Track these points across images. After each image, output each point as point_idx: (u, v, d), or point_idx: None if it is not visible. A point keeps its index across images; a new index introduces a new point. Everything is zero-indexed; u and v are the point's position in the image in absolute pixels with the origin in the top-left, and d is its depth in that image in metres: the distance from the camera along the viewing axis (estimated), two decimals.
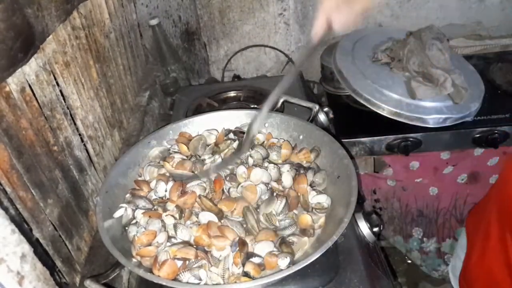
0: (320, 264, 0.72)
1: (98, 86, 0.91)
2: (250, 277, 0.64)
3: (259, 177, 0.78)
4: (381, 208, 1.44)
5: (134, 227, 0.72)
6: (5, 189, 0.55)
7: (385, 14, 1.63)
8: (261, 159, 0.83)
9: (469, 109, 1.18)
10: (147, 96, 1.22)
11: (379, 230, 0.83)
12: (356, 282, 0.71)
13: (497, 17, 1.61)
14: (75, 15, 0.81)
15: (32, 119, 0.63)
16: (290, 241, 0.69)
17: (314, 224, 0.72)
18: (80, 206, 0.77)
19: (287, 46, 1.73)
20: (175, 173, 0.78)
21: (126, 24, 1.17)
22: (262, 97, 1.23)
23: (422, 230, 1.47)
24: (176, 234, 0.69)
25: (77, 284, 0.71)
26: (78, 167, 0.78)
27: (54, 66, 0.72)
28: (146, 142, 0.87)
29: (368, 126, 1.25)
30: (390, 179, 1.36)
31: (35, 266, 0.58)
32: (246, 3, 1.61)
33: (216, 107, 1.22)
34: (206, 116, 0.94)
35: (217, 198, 0.76)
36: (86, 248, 0.78)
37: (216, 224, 0.70)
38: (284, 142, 0.86)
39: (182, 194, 0.74)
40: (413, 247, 1.52)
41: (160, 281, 0.61)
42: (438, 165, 1.31)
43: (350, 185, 0.71)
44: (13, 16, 0.56)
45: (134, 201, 0.75)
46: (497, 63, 1.45)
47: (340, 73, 1.26)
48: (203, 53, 1.70)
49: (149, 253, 0.66)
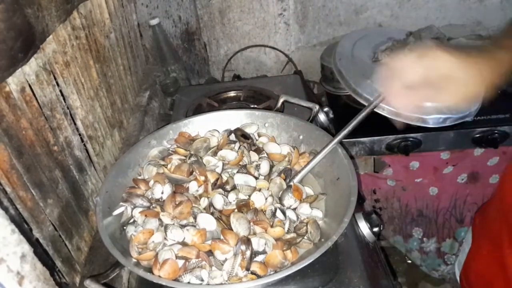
0: (320, 264, 0.72)
1: (98, 86, 0.91)
2: (257, 275, 0.64)
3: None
4: (381, 208, 1.44)
5: (132, 226, 0.72)
6: (5, 189, 0.55)
7: (385, 14, 1.63)
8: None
9: (469, 109, 1.18)
10: (147, 96, 1.22)
11: (379, 230, 0.83)
12: (356, 282, 0.71)
13: (497, 17, 1.61)
14: (75, 15, 0.81)
15: (32, 119, 0.63)
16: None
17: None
18: (80, 206, 0.77)
19: (287, 46, 1.73)
20: (172, 178, 0.78)
21: (126, 24, 1.17)
22: (262, 97, 1.23)
23: (422, 230, 1.47)
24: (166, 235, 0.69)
25: (77, 284, 0.71)
26: (78, 167, 0.78)
27: (54, 66, 0.72)
28: (146, 142, 0.87)
29: (368, 126, 1.25)
30: (390, 179, 1.36)
31: (35, 266, 0.58)
32: (246, 3, 1.61)
33: (216, 107, 1.22)
34: (206, 116, 0.94)
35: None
36: (86, 248, 0.78)
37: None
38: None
39: (178, 204, 0.72)
40: (413, 247, 1.52)
41: (161, 281, 0.61)
42: (438, 165, 1.31)
43: (350, 185, 0.71)
44: (13, 16, 0.56)
45: (130, 200, 0.75)
46: None
47: (340, 73, 1.26)
48: (203, 53, 1.70)
49: (148, 257, 0.66)
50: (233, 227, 0.69)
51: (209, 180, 0.78)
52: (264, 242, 0.68)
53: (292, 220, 0.73)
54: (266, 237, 0.68)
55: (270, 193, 0.77)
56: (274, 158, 0.85)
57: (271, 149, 0.87)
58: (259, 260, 0.66)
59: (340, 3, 1.61)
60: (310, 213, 0.75)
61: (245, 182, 0.78)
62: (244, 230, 0.69)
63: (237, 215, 0.70)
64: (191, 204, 0.73)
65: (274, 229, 0.70)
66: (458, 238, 1.47)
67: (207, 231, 0.70)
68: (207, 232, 0.70)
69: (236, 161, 0.83)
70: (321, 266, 0.72)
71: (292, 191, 0.76)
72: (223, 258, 0.66)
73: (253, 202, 0.75)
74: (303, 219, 0.75)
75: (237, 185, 0.77)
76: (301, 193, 0.78)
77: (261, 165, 0.82)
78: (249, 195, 0.76)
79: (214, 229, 0.71)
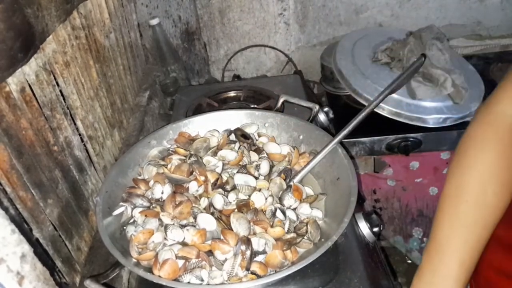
0: (320, 264, 0.72)
1: (98, 86, 0.91)
2: (257, 275, 0.64)
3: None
4: (381, 208, 1.44)
5: (132, 226, 0.72)
6: (5, 189, 0.55)
7: (385, 14, 1.63)
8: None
9: (469, 109, 1.18)
10: (147, 96, 1.22)
11: (379, 230, 0.83)
12: (356, 282, 0.71)
13: (497, 17, 1.61)
14: (75, 15, 0.81)
15: (32, 119, 0.63)
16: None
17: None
18: (80, 206, 0.77)
19: (287, 46, 1.73)
20: (172, 178, 0.78)
21: (126, 24, 1.17)
22: (262, 97, 1.23)
23: (422, 230, 1.47)
24: (166, 235, 0.69)
25: (77, 284, 0.71)
26: (78, 167, 0.78)
27: (54, 66, 0.72)
28: (146, 142, 0.87)
29: (368, 126, 1.25)
30: (390, 179, 1.36)
31: (35, 266, 0.58)
32: (246, 3, 1.61)
33: (216, 107, 1.22)
34: (206, 116, 0.94)
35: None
36: (86, 248, 0.78)
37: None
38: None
39: (178, 204, 0.72)
40: (413, 247, 1.51)
41: (161, 281, 0.61)
42: (438, 165, 1.31)
43: (350, 185, 0.71)
44: (13, 16, 0.56)
45: (130, 200, 0.75)
46: (497, 63, 1.45)
47: (340, 73, 1.26)
48: (203, 53, 1.70)
49: (148, 257, 0.66)
50: (233, 227, 0.69)
51: (209, 180, 0.78)
52: (264, 242, 0.68)
53: (292, 220, 0.73)
54: (266, 237, 0.68)
55: (270, 193, 0.77)
56: (274, 158, 0.85)
57: (271, 149, 0.87)
58: (259, 260, 0.66)
59: (340, 3, 1.61)
60: (310, 213, 0.75)
61: (245, 182, 0.78)
62: (244, 230, 0.69)
63: (237, 215, 0.70)
64: (191, 204, 0.73)
65: (274, 229, 0.70)
66: None
67: (207, 231, 0.70)
68: (207, 232, 0.70)
69: (236, 161, 0.83)
70: (321, 266, 0.72)
71: (292, 191, 0.76)
72: (223, 258, 0.66)
73: (253, 202, 0.75)
74: (303, 219, 0.75)
75: (237, 185, 0.77)
76: (301, 193, 0.78)
77: (261, 165, 0.82)
78: (249, 195, 0.76)
79: (214, 229, 0.71)
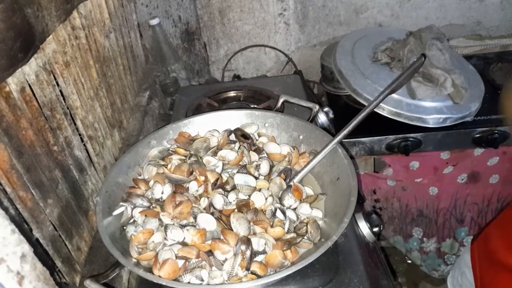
0: (320, 264, 0.72)
1: (98, 86, 0.91)
2: (257, 275, 0.64)
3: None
4: (381, 208, 1.44)
5: (132, 226, 0.73)
6: (5, 189, 0.55)
7: (385, 14, 1.63)
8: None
9: (469, 109, 1.18)
10: (147, 96, 1.22)
11: (379, 230, 0.84)
12: (356, 282, 0.71)
13: (497, 17, 1.61)
14: (75, 15, 0.81)
15: (32, 119, 0.63)
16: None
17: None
18: (80, 206, 0.77)
19: (287, 46, 1.73)
20: (172, 178, 0.78)
21: (126, 24, 1.17)
22: (262, 97, 1.23)
23: (422, 230, 1.47)
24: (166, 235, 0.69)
25: (77, 284, 0.71)
26: (78, 167, 0.78)
27: (54, 66, 0.72)
28: (146, 142, 0.87)
29: (368, 126, 1.25)
30: (390, 179, 1.36)
31: (35, 266, 0.58)
32: (246, 3, 1.61)
33: (216, 107, 1.22)
34: (206, 116, 0.94)
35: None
36: (86, 248, 0.78)
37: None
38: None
39: (178, 204, 0.72)
40: (413, 247, 1.52)
41: (161, 281, 0.61)
42: (438, 165, 1.31)
43: (350, 185, 0.71)
44: (13, 16, 0.56)
45: (130, 200, 0.75)
46: (497, 63, 1.45)
47: (340, 73, 1.26)
48: (203, 53, 1.70)
49: (148, 257, 0.66)
50: (233, 227, 0.69)
51: (209, 180, 0.78)
52: (264, 242, 0.68)
53: (292, 220, 0.73)
54: (266, 237, 0.68)
55: (270, 193, 0.77)
56: (274, 158, 0.85)
57: (271, 149, 0.87)
58: (259, 260, 0.66)
59: (340, 3, 1.61)
60: (310, 213, 0.75)
61: (245, 182, 0.78)
62: (244, 230, 0.69)
63: (237, 215, 0.70)
64: (191, 204, 0.73)
65: (274, 229, 0.70)
66: (458, 238, 1.47)
67: (207, 231, 0.70)
68: (207, 232, 0.70)
69: (236, 161, 0.83)
70: (321, 266, 0.72)
71: (292, 191, 0.76)
72: (223, 258, 0.66)
73: (253, 202, 0.75)
74: (303, 219, 0.75)
75: (237, 185, 0.77)
76: (301, 193, 0.78)
77: (261, 165, 0.82)
78: (249, 195, 0.76)
79: (214, 229, 0.71)
